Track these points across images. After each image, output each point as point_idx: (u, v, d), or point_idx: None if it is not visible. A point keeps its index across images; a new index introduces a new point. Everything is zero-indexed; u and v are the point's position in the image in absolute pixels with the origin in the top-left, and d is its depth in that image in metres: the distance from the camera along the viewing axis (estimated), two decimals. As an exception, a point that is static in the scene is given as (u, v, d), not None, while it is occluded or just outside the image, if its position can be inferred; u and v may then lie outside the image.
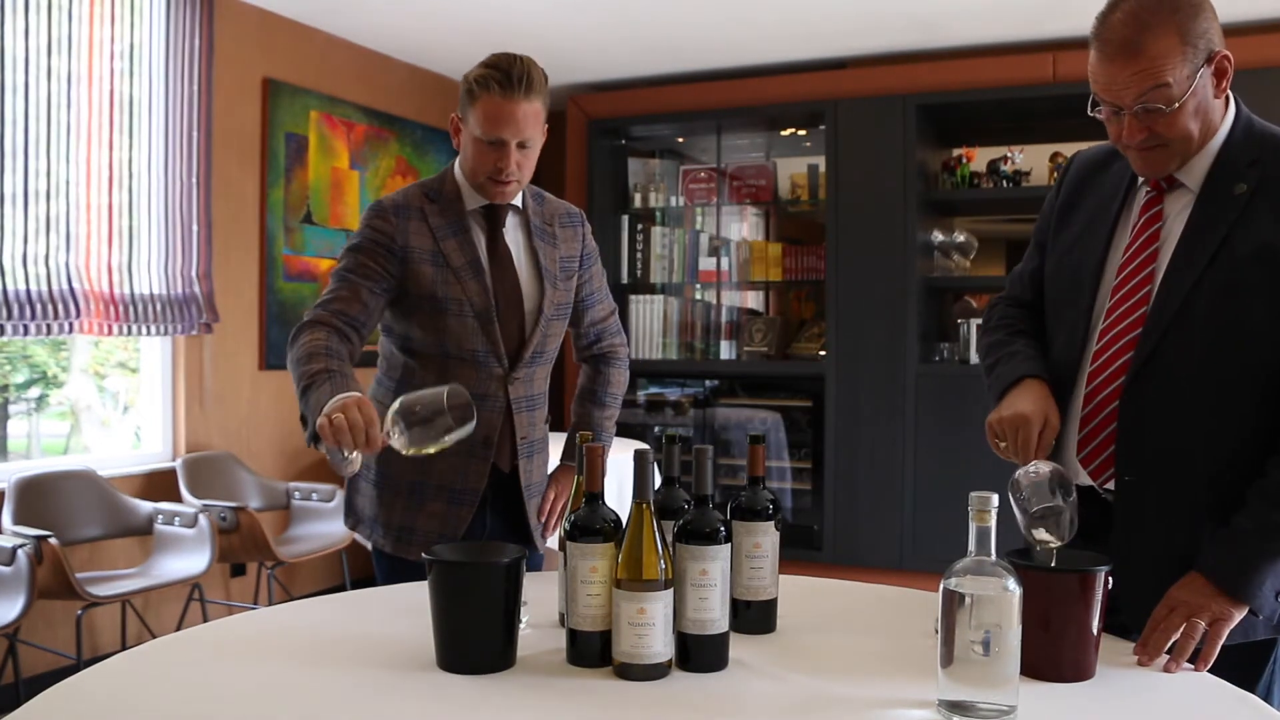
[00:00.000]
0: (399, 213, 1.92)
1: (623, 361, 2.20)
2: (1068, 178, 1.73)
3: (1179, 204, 1.53)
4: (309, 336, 1.81)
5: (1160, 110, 1.43)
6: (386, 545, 1.96)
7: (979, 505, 1.20)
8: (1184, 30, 1.41)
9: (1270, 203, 1.44)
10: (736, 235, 5.58)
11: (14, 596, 2.94)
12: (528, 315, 1.96)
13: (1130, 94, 1.43)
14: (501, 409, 1.94)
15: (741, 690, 1.30)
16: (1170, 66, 1.40)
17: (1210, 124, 1.49)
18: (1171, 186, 1.54)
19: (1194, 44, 1.41)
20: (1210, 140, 1.50)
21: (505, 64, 1.85)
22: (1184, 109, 1.43)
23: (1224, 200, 1.47)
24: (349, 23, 4.61)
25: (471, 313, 1.89)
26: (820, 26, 4.57)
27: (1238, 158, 1.48)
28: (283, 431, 4.52)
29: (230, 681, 1.31)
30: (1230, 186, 1.47)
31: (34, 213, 3.45)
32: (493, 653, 1.35)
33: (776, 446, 5.18)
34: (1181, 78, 1.41)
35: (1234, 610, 1.38)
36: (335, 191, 4.75)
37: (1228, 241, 1.44)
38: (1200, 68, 1.43)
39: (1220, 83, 1.46)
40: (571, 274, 2.04)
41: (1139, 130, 1.46)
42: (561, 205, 2.09)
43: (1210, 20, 1.44)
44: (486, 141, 1.87)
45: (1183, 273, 1.47)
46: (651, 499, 1.34)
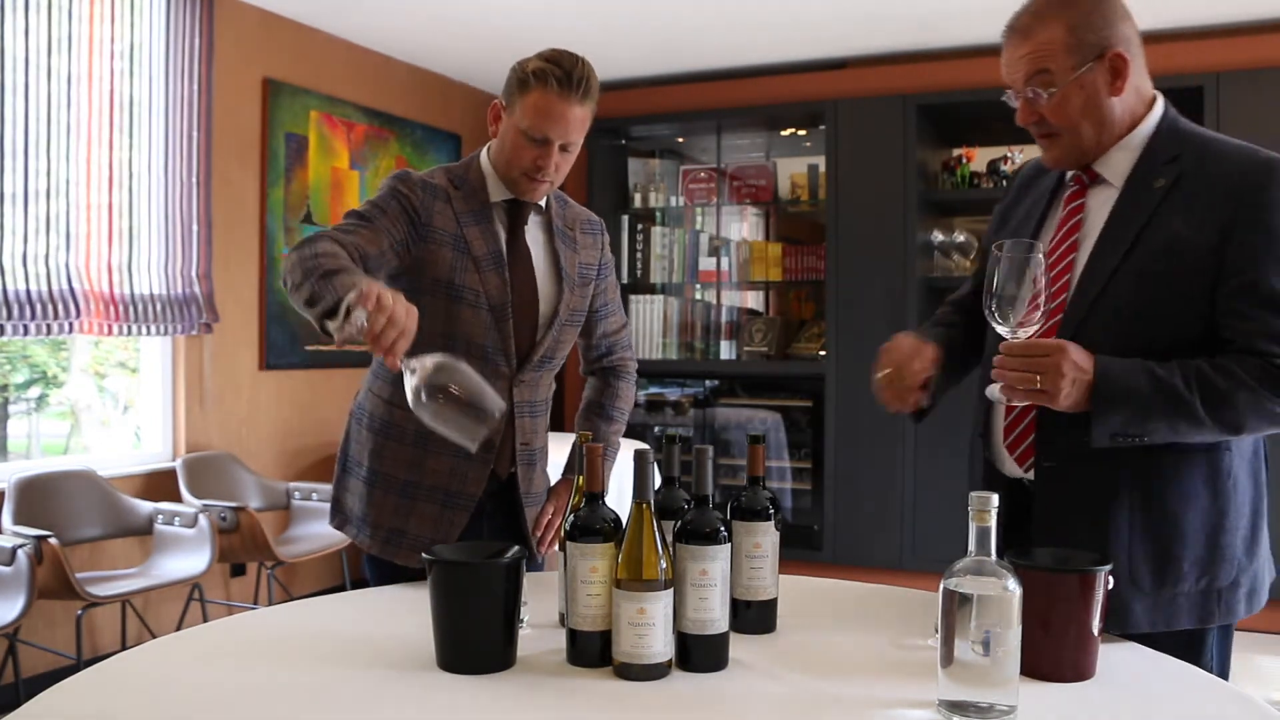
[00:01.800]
0: (426, 189, 1.84)
1: (631, 376, 2.15)
2: (1014, 184, 1.82)
3: (1101, 198, 1.59)
4: (327, 245, 1.64)
5: (1040, 95, 1.53)
6: (374, 548, 1.89)
7: (979, 505, 1.20)
8: (1073, 24, 1.50)
9: (1184, 196, 1.50)
10: (736, 235, 5.58)
11: (14, 596, 2.94)
12: (542, 317, 1.90)
13: (1018, 76, 1.56)
14: (505, 412, 1.87)
15: (741, 690, 1.30)
16: (1052, 54, 1.51)
17: (1109, 119, 1.55)
18: (1095, 182, 1.61)
19: (1082, 38, 1.50)
20: (1128, 136, 1.57)
21: (568, 63, 1.77)
22: (1066, 99, 1.53)
23: (1143, 194, 1.53)
24: (349, 23, 4.61)
25: (487, 305, 1.83)
26: (820, 26, 4.57)
27: (1159, 155, 1.55)
28: (283, 431, 4.52)
29: (230, 681, 1.31)
30: (1150, 181, 1.54)
31: (34, 212, 3.45)
32: (493, 653, 1.35)
33: (776, 446, 5.18)
34: (1064, 67, 1.51)
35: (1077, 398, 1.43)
36: (335, 191, 4.75)
37: (1143, 233, 1.51)
38: (1089, 61, 1.51)
39: (1116, 80, 1.53)
40: (589, 281, 1.99)
41: (1028, 113, 1.57)
42: (584, 212, 2.05)
43: (1110, 19, 1.52)
44: (531, 136, 1.79)
45: (1102, 262, 1.54)
46: (652, 499, 1.34)
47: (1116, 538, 1.51)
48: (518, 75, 1.80)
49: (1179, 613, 1.51)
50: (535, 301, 1.89)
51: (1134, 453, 1.48)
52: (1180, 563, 1.50)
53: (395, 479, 1.89)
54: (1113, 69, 1.52)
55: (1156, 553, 1.50)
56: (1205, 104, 4.27)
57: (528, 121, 1.78)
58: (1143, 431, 1.44)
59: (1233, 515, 1.52)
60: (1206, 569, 1.51)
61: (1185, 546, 1.50)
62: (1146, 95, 1.59)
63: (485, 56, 5.01)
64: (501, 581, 1.35)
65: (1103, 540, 1.50)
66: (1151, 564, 1.50)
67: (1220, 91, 4.26)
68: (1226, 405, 1.43)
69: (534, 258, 1.91)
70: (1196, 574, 1.50)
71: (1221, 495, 1.51)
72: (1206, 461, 1.51)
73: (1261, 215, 1.45)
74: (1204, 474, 1.51)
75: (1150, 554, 1.50)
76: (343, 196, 4.79)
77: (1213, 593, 1.51)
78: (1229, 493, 1.52)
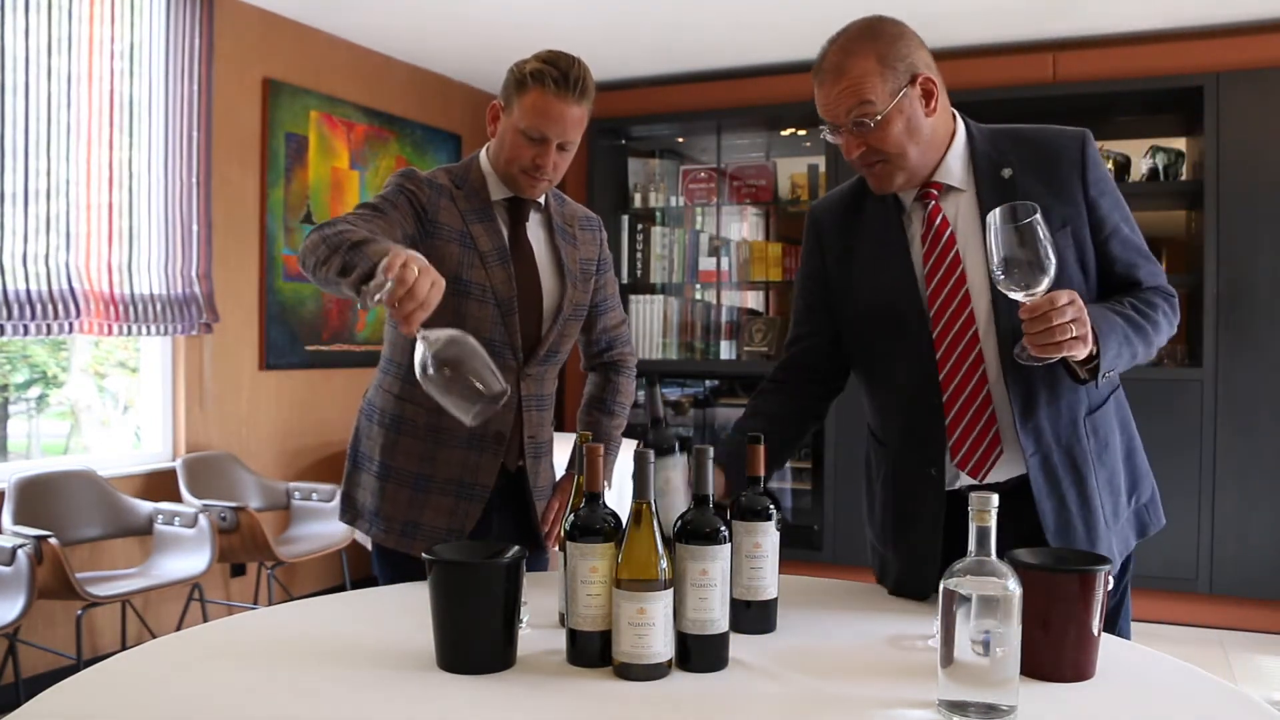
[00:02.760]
0: (431, 186, 1.88)
1: (632, 371, 2.19)
2: (822, 233, 1.82)
3: (957, 203, 1.67)
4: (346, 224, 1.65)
5: (866, 124, 1.60)
6: (389, 540, 1.91)
7: (979, 505, 1.20)
8: (882, 55, 1.60)
9: (1036, 180, 1.63)
10: (736, 235, 5.58)
11: (14, 596, 2.94)
12: (546, 311, 1.94)
13: (840, 111, 1.62)
14: (513, 405, 1.92)
15: (741, 690, 1.30)
16: (870, 85, 1.59)
17: (929, 138, 1.64)
18: (943, 193, 1.68)
19: (893, 66, 1.60)
20: (952, 147, 1.67)
21: (564, 63, 1.81)
22: (890, 124, 1.60)
23: (999, 186, 1.64)
24: (349, 23, 4.61)
25: (494, 300, 1.86)
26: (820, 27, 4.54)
27: (988, 151, 1.67)
28: (283, 431, 4.52)
29: (230, 681, 1.31)
30: (997, 174, 1.65)
31: (34, 212, 3.45)
32: (493, 653, 1.35)
33: (776, 446, 5.17)
34: (883, 95, 1.59)
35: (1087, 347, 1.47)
36: (335, 191, 4.75)
37: None
38: (903, 87, 1.60)
39: (929, 102, 1.63)
40: (589, 276, 2.04)
41: (856, 144, 1.63)
42: (580, 209, 2.10)
43: (911, 48, 1.62)
44: (529, 136, 1.83)
45: None
46: (652, 499, 1.34)
47: (1094, 498, 1.65)
48: (515, 76, 1.84)
49: (1129, 533, 1.72)
50: (539, 296, 1.93)
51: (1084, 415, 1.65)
52: (1121, 493, 1.70)
53: (408, 473, 1.91)
54: (924, 91, 1.62)
55: (1111, 493, 1.68)
56: (1205, 104, 4.27)
57: (526, 121, 1.82)
58: (1117, 364, 1.55)
59: (1134, 438, 1.75)
60: (1133, 490, 1.73)
61: (1121, 478, 1.70)
62: (950, 111, 1.70)
63: (485, 56, 5.01)
64: (501, 581, 1.35)
65: (1089, 503, 1.65)
66: (1111, 505, 1.68)
67: (1220, 91, 4.26)
68: (1158, 328, 1.61)
69: (536, 254, 1.95)
70: (1129, 498, 1.71)
71: (1126, 424, 1.74)
72: (1115, 401, 1.72)
73: (1099, 177, 1.64)
74: (1115, 411, 1.71)
75: (1109, 497, 1.68)
76: (343, 196, 4.79)
77: (1143, 509, 1.74)
78: (1128, 420, 1.75)
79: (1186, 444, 4.28)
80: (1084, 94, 4.53)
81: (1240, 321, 4.25)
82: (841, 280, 1.77)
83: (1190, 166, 4.66)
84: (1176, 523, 4.26)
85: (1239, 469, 4.27)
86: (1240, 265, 4.25)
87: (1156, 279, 1.67)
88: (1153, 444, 1.84)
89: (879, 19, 1.64)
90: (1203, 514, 4.30)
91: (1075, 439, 1.64)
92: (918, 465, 1.70)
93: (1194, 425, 4.28)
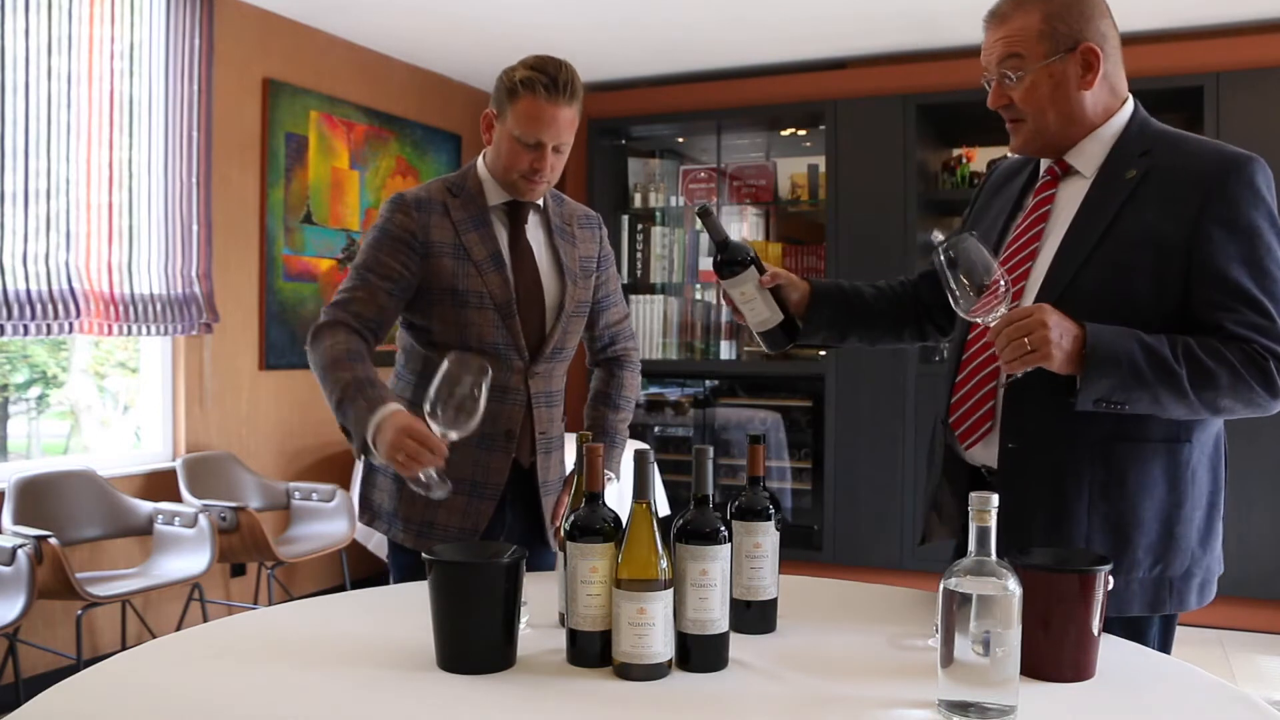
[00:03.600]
0: (420, 206, 1.94)
1: (635, 365, 2.23)
2: (986, 184, 1.86)
3: (1072, 190, 1.63)
4: (329, 340, 1.84)
5: (1009, 78, 1.59)
6: (408, 540, 1.96)
7: (979, 505, 1.20)
8: (1049, 14, 1.56)
9: (1156, 189, 1.53)
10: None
11: (14, 596, 2.94)
12: (549, 310, 1.99)
13: (993, 58, 1.61)
14: (522, 403, 1.96)
15: (741, 690, 1.30)
16: (1025, 41, 1.56)
17: (1076, 111, 1.59)
18: (1067, 173, 1.65)
19: (1056, 28, 1.55)
20: (1100, 129, 1.61)
21: (552, 69, 1.86)
22: (1035, 84, 1.57)
23: (1115, 184, 1.57)
24: (349, 23, 4.61)
25: (492, 305, 1.92)
26: (820, 26, 4.57)
27: (1131, 148, 1.59)
28: (283, 431, 4.52)
29: (230, 681, 1.31)
30: (1122, 172, 1.57)
31: (34, 212, 3.45)
32: (493, 653, 1.35)
33: (776, 446, 5.18)
34: (1035, 54, 1.56)
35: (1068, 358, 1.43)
36: (335, 191, 4.75)
37: (1117, 222, 1.54)
38: (1060, 53, 1.56)
39: (1087, 74, 1.57)
40: (590, 273, 2.08)
41: (999, 95, 1.62)
42: (580, 208, 2.14)
43: (1087, 16, 1.57)
44: (524, 142, 1.88)
45: (1073, 250, 1.56)
46: (653, 498, 1.34)
47: (1075, 523, 1.55)
48: (505, 85, 1.89)
49: (1131, 599, 1.54)
50: (540, 296, 1.98)
51: (1096, 439, 1.53)
52: (1135, 550, 1.54)
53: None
54: (1084, 62, 1.57)
55: (1113, 539, 1.54)
56: (1205, 104, 4.27)
57: (520, 128, 1.87)
58: (1128, 399, 1.45)
59: (1188, 506, 1.55)
60: (1160, 557, 1.54)
61: (1141, 534, 1.53)
62: (1121, 93, 1.63)
63: (485, 56, 5.01)
64: (501, 581, 1.35)
65: (1063, 525, 1.55)
66: (1108, 550, 1.53)
67: (1220, 91, 4.26)
68: (1211, 382, 1.45)
69: (536, 254, 2.00)
70: (1150, 562, 1.54)
71: (1179, 486, 1.54)
72: (1167, 451, 1.54)
73: (1227, 208, 1.49)
74: (1163, 464, 1.54)
75: (1107, 540, 1.54)
76: (343, 196, 4.79)
77: (1165, 581, 1.55)
78: (1187, 484, 1.55)
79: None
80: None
81: (1240, 321, 4.25)
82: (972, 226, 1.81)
83: (1190, 166, 4.65)
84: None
85: (1239, 469, 4.26)
86: (1240, 265, 4.24)
87: (1253, 334, 1.45)
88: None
89: None
90: (1203, 514, 4.29)
91: (1069, 457, 1.55)
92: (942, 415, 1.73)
93: (1194, 425, 4.27)
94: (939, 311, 1.87)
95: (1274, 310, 1.47)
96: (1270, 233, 1.50)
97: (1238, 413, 1.50)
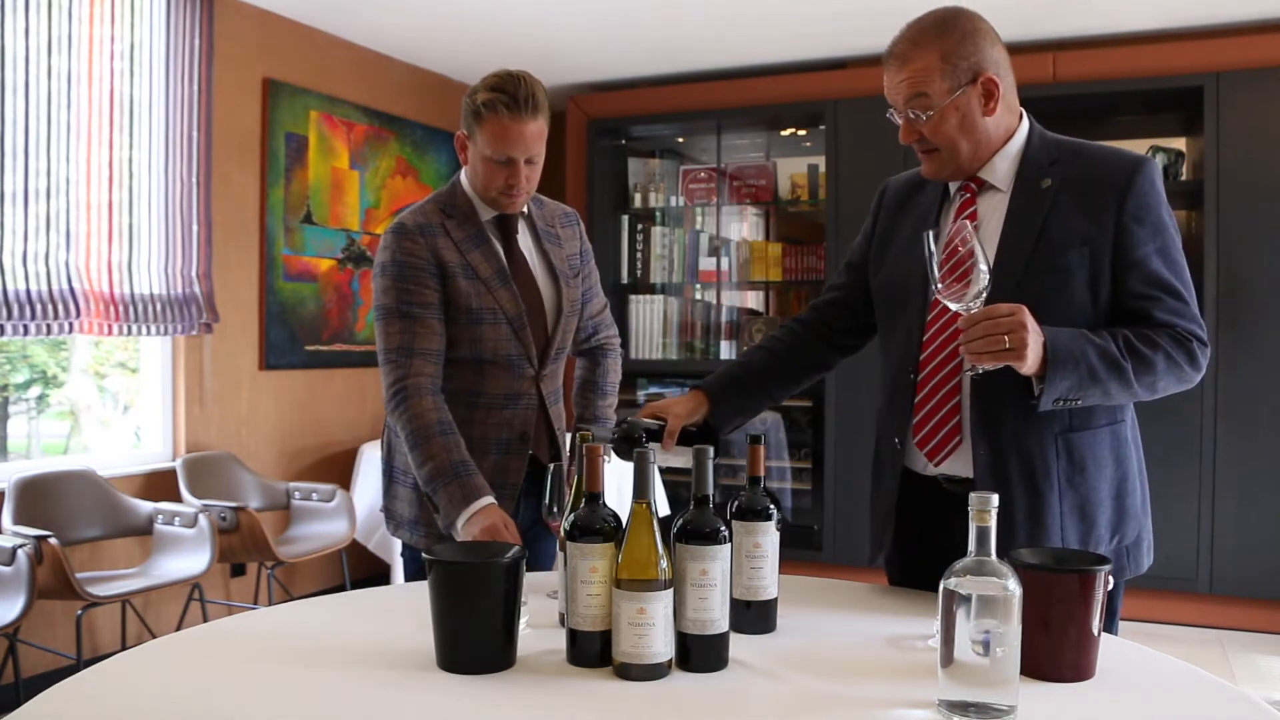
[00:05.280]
0: (424, 231, 1.98)
1: (618, 352, 2.31)
2: (884, 202, 1.92)
3: (991, 203, 1.71)
4: (417, 406, 1.89)
5: (919, 116, 1.65)
6: (428, 545, 2.00)
7: (979, 505, 1.20)
8: (946, 52, 1.62)
9: (1073, 195, 1.64)
10: (736, 235, 5.58)
11: (14, 596, 2.94)
12: (549, 315, 2.07)
13: (899, 98, 1.67)
14: (535, 405, 2.05)
15: (741, 690, 1.30)
16: (929, 80, 1.62)
17: (983, 136, 1.67)
18: (982, 189, 1.72)
19: (955, 64, 1.62)
20: (1005, 146, 1.69)
21: (510, 86, 1.90)
22: (944, 119, 1.64)
23: (1034, 194, 1.66)
24: (349, 23, 4.61)
25: (505, 320, 1.99)
26: (820, 26, 4.57)
27: (1038, 159, 1.68)
28: (283, 431, 4.52)
29: (230, 681, 1.31)
30: (1037, 182, 1.66)
31: (34, 212, 3.45)
32: (493, 653, 1.35)
33: (776, 446, 5.17)
34: (940, 91, 1.63)
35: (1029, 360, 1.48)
36: (335, 191, 4.75)
37: (1045, 229, 1.63)
38: (963, 85, 1.63)
39: (989, 102, 1.65)
40: (578, 271, 2.16)
41: (910, 132, 1.69)
42: (558, 206, 2.20)
43: (981, 46, 1.64)
44: (496, 160, 1.93)
45: (1011, 257, 1.64)
46: (653, 498, 1.34)
47: (1050, 515, 1.63)
48: (470, 107, 1.94)
49: None
50: (541, 303, 2.06)
51: (1057, 432, 1.63)
52: (1098, 528, 1.66)
53: None
54: (985, 91, 1.64)
55: (1081, 523, 1.65)
56: (1205, 104, 4.27)
57: (490, 149, 1.93)
58: (1082, 395, 1.55)
59: (1131, 478, 1.69)
60: (1117, 529, 1.68)
61: (1101, 512, 1.65)
62: (1016, 108, 1.72)
63: (485, 56, 5.01)
64: (501, 581, 1.35)
65: (1040, 518, 1.63)
66: (1078, 531, 1.64)
67: (1220, 91, 4.26)
68: (1150, 369, 1.57)
69: (530, 263, 2.08)
70: (1109, 535, 1.67)
71: (1124, 463, 1.68)
72: (1111, 434, 1.67)
73: (1138, 206, 1.61)
74: (1109, 444, 1.67)
75: (1076, 523, 1.64)
76: (343, 196, 4.79)
77: (1123, 550, 1.69)
78: (1127, 458, 1.69)
79: (1186, 443, 4.28)
80: (1084, 94, 4.53)
81: (1240, 321, 4.25)
82: (880, 249, 1.86)
83: (1190, 166, 4.66)
84: (1176, 523, 4.27)
85: (1239, 468, 4.27)
86: (1240, 265, 4.25)
87: (1174, 318, 1.60)
88: (1152, 443, 1.82)
89: (955, 12, 1.65)
90: (1202, 514, 4.30)
91: (1040, 454, 1.63)
92: (887, 435, 1.81)
93: (1194, 424, 4.28)
94: (848, 335, 1.96)
95: (1187, 295, 1.62)
96: (1171, 225, 1.64)
97: (1169, 391, 1.63)
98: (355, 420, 4.88)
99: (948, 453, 1.68)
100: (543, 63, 5.04)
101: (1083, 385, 1.53)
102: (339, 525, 4.08)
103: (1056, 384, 1.52)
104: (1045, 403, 1.54)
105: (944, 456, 1.68)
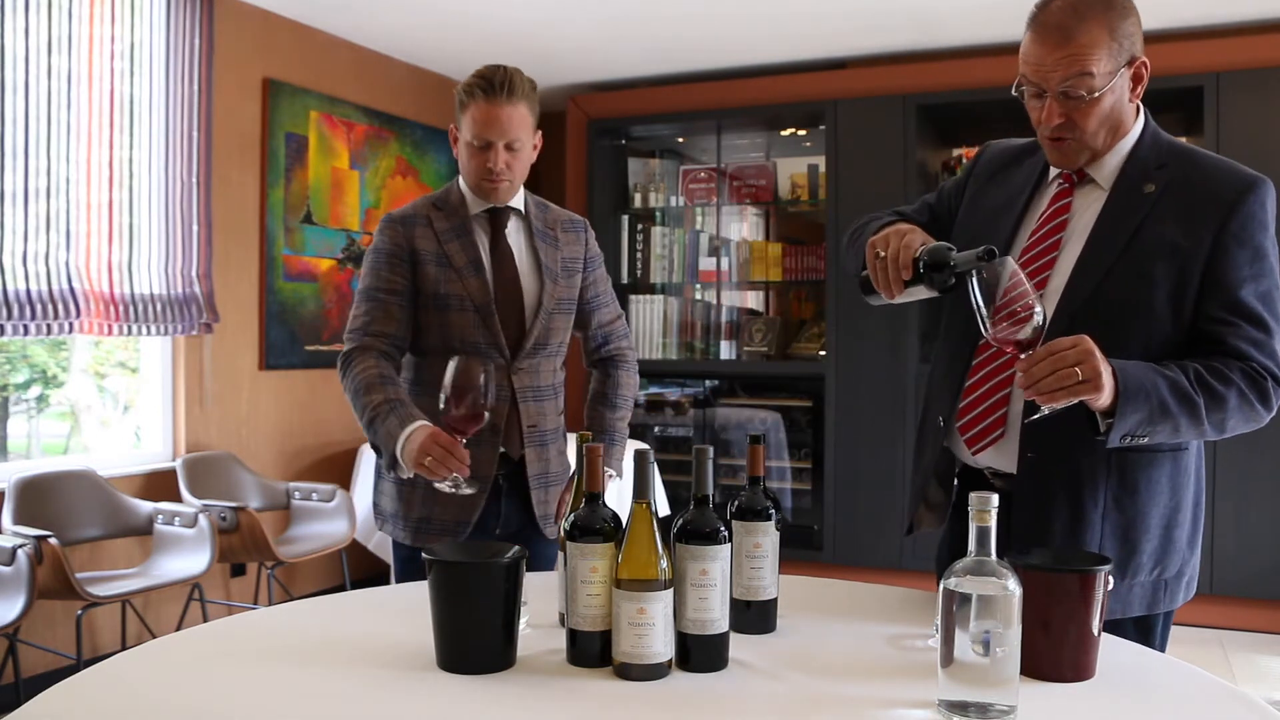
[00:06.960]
0: (406, 221, 2.08)
1: (631, 365, 2.31)
2: (980, 164, 1.82)
3: (1088, 199, 1.62)
4: (360, 365, 1.99)
5: (1080, 98, 1.51)
6: (407, 537, 2.08)
7: (979, 505, 1.20)
8: (1113, 28, 1.50)
9: (1175, 204, 1.55)
10: (736, 235, 5.58)
11: (14, 596, 2.94)
12: (528, 308, 2.09)
13: (1056, 77, 1.52)
14: (506, 397, 2.06)
15: (741, 690, 1.30)
16: (1096, 57, 1.49)
17: (1120, 125, 1.59)
18: (1082, 182, 1.63)
19: (1120, 43, 1.50)
20: (1120, 142, 1.60)
21: (489, 72, 2.00)
22: (1100, 102, 1.52)
23: (1134, 197, 1.57)
24: (349, 23, 4.61)
25: (472, 307, 2.03)
26: (820, 26, 4.57)
27: (1147, 161, 1.59)
28: (283, 431, 4.52)
29: (230, 681, 1.31)
30: (1140, 185, 1.57)
31: (34, 212, 3.45)
32: (493, 653, 1.35)
33: (776, 446, 5.18)
34: (1104, 71, 1.50)
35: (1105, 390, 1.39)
36: (335, 191, 4.75)
37: (1138, 234, 1.55)
38: (1121, 67, 1.52)
39: (1136, 87, 1.56)
40: (574, 273, 2.17)
41: (1058, 114, 1.54)
42: (565, 214, 2.24)
43: (1136, 26, 1.53)
44: (477, 145, 2.01)
45: (1096, 260, 1.56)
46: (653, 498, 1.34)
47: (1090, 532, 1.57)
48: (457, 97, 2.04)
49: (1134, 601, 1.59)
50: (519, 295, 2.09)
51: (1112, 450, 1.53)
52: (1140, 555, 1.58)
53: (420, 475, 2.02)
54: (1136, 77, 1.55)
55: (1123, 546, 1.57)
56: (1205, 104, 4.27)
57: (470, 133, 2.01)
58: (1152, 431, 1.47)
59: (1184, 511, 1.61)
60: (1159, 561, 1.60)
61: (1146, 540, 1.58)
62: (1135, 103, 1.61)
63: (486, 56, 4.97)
64: (501, 581, 1.35)
65: (1079, 533, 1.57)
66: (1118, 556, 1.57)
67: (1220, 91, 4.26)
68: (1221, 405, 1.48)
69: (517, 257, 2.11)
70: (1151, 565, 1.59)
71: (1179, 492, 1.60)
72: (1172, 460, 1.59)
73: (1242, 227, 1.52)
74: (1168, 472, 1.59)
75: (1117, 547, 1.57)
76: (343, 197, 4.79)
77: (1161, 583, 1.61)
78: (1184, 488, 1.60)
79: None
80: (1084, 94, 4.52)
81: (1240, 321, 4.24)
82: (965, 212, 1.78)
83: (1190, 166, 4.65)
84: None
85: (1239, 469, 4.27)
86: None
87: (1253, 349, 1.49)
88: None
89: None
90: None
91: (1089, 468, 1.55)
92: (933, 410, 1.74)
93: (1194, 425, 4.27)
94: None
95: (1273, 327, 1.52)
96: (1272, 254, 1.54)
97: (1238, 430, 1.54)
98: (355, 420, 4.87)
99: (988, 443, 1.62)
100: (543, 62, 5.04)
101: (1153, 420, 1.44)
102: (339, 525, 4.08)
103: (1127, 417, 1.42)
104: (1114, 439, 1.45)
105: (984, 446, 1.62)
